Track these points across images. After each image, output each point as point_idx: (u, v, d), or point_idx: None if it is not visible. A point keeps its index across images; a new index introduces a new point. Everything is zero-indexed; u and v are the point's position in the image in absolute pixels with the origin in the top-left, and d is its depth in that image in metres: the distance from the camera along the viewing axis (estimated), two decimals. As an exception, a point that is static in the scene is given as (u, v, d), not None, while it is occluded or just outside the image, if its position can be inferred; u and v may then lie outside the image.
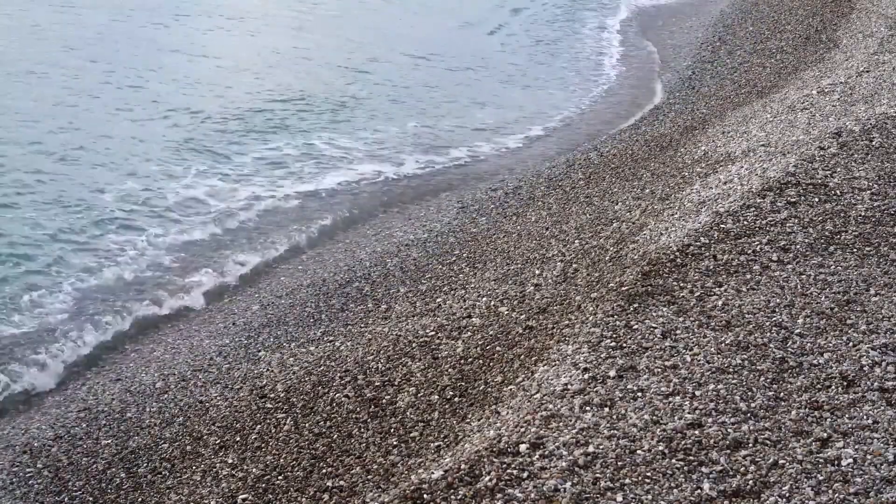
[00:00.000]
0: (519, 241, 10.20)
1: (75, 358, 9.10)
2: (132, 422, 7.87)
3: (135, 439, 7.61)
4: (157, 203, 12.55)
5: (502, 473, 5.15)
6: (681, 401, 5.72)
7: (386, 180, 13.99)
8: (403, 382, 7.35)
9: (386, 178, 14.06)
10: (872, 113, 11.12)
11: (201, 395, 8.10)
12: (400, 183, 13.97)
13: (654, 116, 16.00)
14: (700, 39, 21.56)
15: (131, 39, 20.14)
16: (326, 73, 19.06)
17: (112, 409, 8.11)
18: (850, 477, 5.07)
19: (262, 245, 11.69)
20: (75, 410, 8.18)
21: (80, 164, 13.45)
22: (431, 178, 14.25)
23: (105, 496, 7.02)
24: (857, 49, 15.80)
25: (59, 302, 9.91)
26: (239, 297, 10.47)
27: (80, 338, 9.35)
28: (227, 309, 10.13)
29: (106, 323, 9.67)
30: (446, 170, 14.60)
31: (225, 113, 16.14)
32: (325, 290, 10.02)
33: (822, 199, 8.61)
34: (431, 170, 14.54)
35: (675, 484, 5.03)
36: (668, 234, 8.37)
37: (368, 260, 10.77)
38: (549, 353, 6.71)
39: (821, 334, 6.49)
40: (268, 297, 10.24)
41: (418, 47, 21.42)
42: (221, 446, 7.31)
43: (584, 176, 12.47)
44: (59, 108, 15.61)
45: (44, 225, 11.54)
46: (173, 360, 8.97)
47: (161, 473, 7.15)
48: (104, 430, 7.80)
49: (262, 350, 8.81)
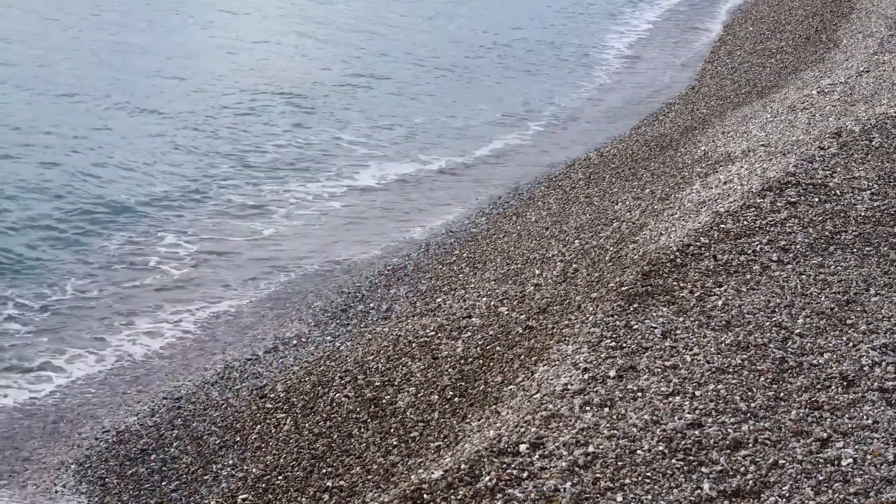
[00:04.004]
0: (519, 241, 10.19)
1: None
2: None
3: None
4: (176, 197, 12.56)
5: (502, 473, 5.15)
6: (681, 401, 5.72)
7: (386, 180, 13.97)
8: (403, 382, 7.35)
9: (386, 177, 14.05)
10: (872, 113, 11.12)
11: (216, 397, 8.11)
12: (400, 182, 13.96)
13: (654, 116, 16.01)
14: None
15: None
16: (328, 71, 19.05)
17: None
18: (850, 477, 5.07)
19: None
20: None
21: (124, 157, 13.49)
22: (432, 176, 14.24)
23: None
24: (857, 49, 15.80)
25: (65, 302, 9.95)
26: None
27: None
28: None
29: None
30: (447, 169, 14.60)
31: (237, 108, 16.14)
32: (325, 291, 10.03)
33: (822, 199, 8.61)
34: (433, 169, 14.53)
35: (675, 484, 5.03)
36: (668, 234, 8.37)
37: (369, 259, 10.77)
38: (549, 353, 6.71)
39: (821, 334, 6.49)
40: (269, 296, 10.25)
41: (427, 46, 21.43)
42: (221, 446, 7.32)
43: (584, 176, 12.47)
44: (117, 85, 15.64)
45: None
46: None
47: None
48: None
49: (262, 351, 8.82)
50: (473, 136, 16.05)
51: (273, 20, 23.01)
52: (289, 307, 9.80)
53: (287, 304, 9.89)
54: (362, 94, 17.89)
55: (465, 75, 19.65)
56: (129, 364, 9.00)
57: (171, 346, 9.38)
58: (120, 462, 7.37)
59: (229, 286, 10.69)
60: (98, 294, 10.22)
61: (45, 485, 7.22)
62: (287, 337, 8.98)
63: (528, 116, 17.24)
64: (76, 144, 14.14)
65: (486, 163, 14.96)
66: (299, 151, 14.83)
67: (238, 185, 13.35)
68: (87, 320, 9.72)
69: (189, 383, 8.35)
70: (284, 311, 9.69)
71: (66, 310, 9.85)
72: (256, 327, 9.43)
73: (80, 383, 8.62)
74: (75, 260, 10.91)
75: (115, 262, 10.92)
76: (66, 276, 10.49)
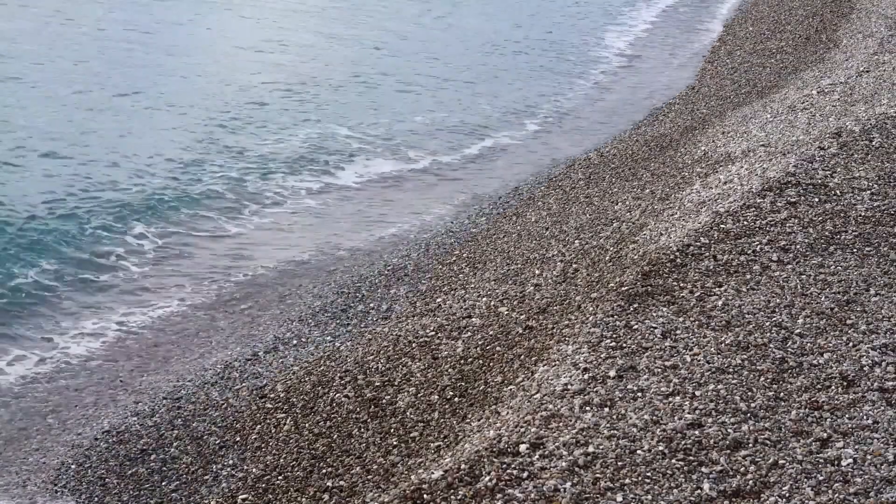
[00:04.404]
0: (519, 241, 10.19)
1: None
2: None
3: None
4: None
5: (502, 473, 5.15)
6: (681, 401, 5.72)
7: (386, 179, 13.98)
8: (403, 382, 7.35)
9: (386, 176, 14.05)
10: (872, 113, 11.12)
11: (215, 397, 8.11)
12: (400, 182, 13.97)
13: (654, 116, 16.01)
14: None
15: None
16: (330, 69, 19.05)
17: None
18: (850, 477, 5.08)
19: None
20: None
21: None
22: (433, 176, 14.24)
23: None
24: (857, 49, 15.81)
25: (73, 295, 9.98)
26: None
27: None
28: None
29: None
30: (447, 169, 14.60)
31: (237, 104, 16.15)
32: (325, 291, 10.02)
33: (822, 199, 8.61)
34: (432, 168, 14.53)
35: (675, 484, 5.04)
36: (668, 234, 8.37)
37: (368, 259, 10.77)
38: (549, 353, 6.71)
39: (821, 334, 6.49)
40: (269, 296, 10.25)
41: (435, 41, 21.44)
42: (221, 446, 7.32)
43: (584, 176, 12.47)
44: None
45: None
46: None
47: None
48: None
49: (262, 351, 8.82)
50: (474, 135, 16.05)
51: (279, 19, 23.03)
52: (289, 306, 9.80)
53: (287, 304, 9.89)
54: (363, 91, 17.89)
55: (466, 74, 19.65)
56: (127, 358, 9.01)
57: (169, 343, 9.39)
58: (120, 462, 7.37)
59: (228, 285, 10.69)
60: (98, 291, 10.24)
61: (46, 485, 7.22)
62: (287, 337, 8.98)
63: (528, 115, 17.25)
64: (65, 139, 14.13)
65: (487, 162, 14.97)
66: (297, 147, 14.83)
67: (238, 179, 13.35)
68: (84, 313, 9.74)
69: (189, 383, 8.35)
70: (284, 311, 9.69)
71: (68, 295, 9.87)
72: (256, 327, 9.43)
73: (77, 368, 8.62)
74: (88, 253, 10.94)
75: (96, 256, 10.94)
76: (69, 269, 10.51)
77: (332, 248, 11.55)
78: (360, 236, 11.93)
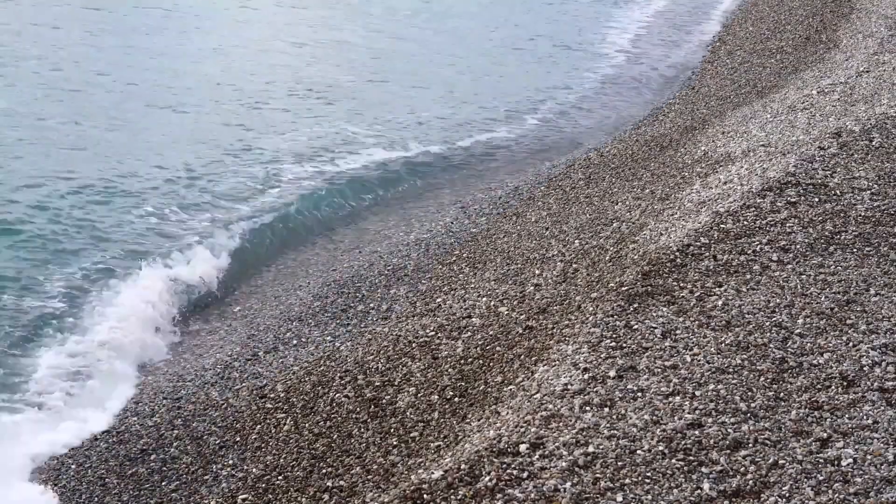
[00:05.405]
0: (519, 241, 10.19)
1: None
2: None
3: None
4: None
5: (502, 473, 5.15)
6: (681, 401, 5.72)
7: (386, 178, 13.97)
8: (403, 382, 7.35)
9: (386, 176, 14.04)
10: (872, 113, 11.12)
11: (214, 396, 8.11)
12: (400, 181, 13.96)
13: (654, 116, 16.01)
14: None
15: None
16: (331, 66, 19.05)
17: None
18: (850, 477, 5.08)
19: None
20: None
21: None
22: (433, 176, 14.24)
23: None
24: (857, 49, 15.80)
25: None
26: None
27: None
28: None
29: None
30: (448, 168, 14.59)
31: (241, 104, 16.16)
32: (325, 291, 10.02)
33: (822, 199, 8.61)
34: (433, 168, 14.53)
35: (675, 484, 5.04)
36: (668, 234, 8.37)
37: (368, 259, 10.77)
38: (549, 353, 6.71)
39: (821, 334, 6.49)
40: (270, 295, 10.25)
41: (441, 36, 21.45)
42: (221, 446, 7.32)
43: (584, 176, 12.46)
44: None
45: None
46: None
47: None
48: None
49: (262, 351, 8.82)
50: (474, 134, 16.05)
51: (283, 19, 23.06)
52: (289, 306, 9.80)
53: (287, 304, 9.89)
54: (363, 91, 17.89)
55: (465, 73, 19.65)
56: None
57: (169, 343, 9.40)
58: (120, 462, 7.38)
59: (228, 285, 10.69)
60: (98, 291, 10.24)
61: (45, 485, 7.23)
62: (287, 337, 8.98)
63: (527, 114, 17.25)
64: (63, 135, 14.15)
65: (486, 161, 14.97)
66: (302, 142, 14.84)
67: (238, 179, 13.36)
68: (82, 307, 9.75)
69: (189, 383, 8.35)
70: (284, 311, 9.68)
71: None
72: (256, 327, 9.43)
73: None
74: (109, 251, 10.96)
75: (96, 256, 10.93)
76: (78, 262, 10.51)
77: (332, 248, 11.55)
78: (361, 236, 11.93)
